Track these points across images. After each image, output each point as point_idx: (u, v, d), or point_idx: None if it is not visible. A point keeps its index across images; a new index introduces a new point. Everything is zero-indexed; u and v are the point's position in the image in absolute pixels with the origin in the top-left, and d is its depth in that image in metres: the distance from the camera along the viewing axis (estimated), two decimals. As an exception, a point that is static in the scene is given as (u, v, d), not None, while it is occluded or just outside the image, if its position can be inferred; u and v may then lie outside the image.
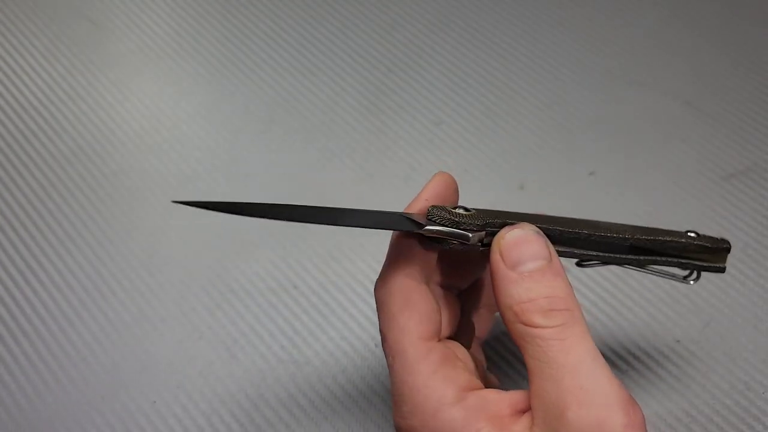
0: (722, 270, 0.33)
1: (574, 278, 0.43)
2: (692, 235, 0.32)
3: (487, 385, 0.29)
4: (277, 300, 0.43)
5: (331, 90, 0.53)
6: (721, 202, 0.46)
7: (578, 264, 0.31)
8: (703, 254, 0.32)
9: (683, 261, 0.32)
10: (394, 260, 0.27)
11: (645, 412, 0.38)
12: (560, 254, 0.28)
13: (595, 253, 0.30)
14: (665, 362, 0.40)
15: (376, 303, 0.28)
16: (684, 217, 0.45)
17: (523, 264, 0.26)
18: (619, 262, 0.30)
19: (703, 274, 0.34)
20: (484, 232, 0.27)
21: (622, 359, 0.40)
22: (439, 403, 0.25)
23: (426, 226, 0.26)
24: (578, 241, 0.29)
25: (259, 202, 0.24)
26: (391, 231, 0.28)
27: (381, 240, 0.45)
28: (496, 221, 0.27)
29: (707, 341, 0.41)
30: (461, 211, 0.27)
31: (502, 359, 0.40)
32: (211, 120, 0.51)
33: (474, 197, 0.47)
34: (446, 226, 0.26)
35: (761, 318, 0.41)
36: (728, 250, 0.33)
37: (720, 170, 0.48)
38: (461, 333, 0.32)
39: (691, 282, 0.33)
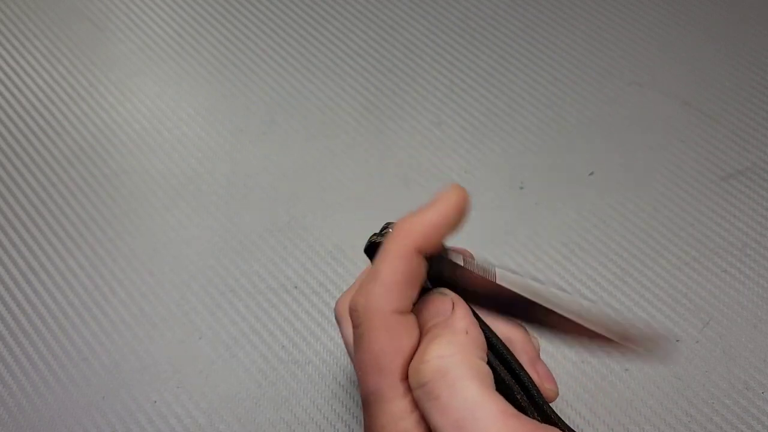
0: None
1: (574, 278, 0.43)
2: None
3: None
4: (277, 300, 0.43)
5: (331, 90, 0.53)
6: (720, 202, 0.46)
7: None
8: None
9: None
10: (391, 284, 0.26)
11: (645, 411, 0.39)
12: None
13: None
14: (665, 362, 0.40)
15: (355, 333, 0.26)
16: (683, 217, 0.45)
17: (423, 326, 0.25)
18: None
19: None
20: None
21: (623, 359, 0.40)
22: None
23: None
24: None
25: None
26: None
27: (381, 240, 0.45)
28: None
29: (707, 341, 0.41)
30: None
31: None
32: (212, 120, 0.51)
33: (474, 197, 0.47)
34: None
35: (761, 318, 0.41)
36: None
37: (719, 170, 0.48)
38: None
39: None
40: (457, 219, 0.26)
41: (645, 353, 0.29)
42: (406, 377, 0.25)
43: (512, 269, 0.30)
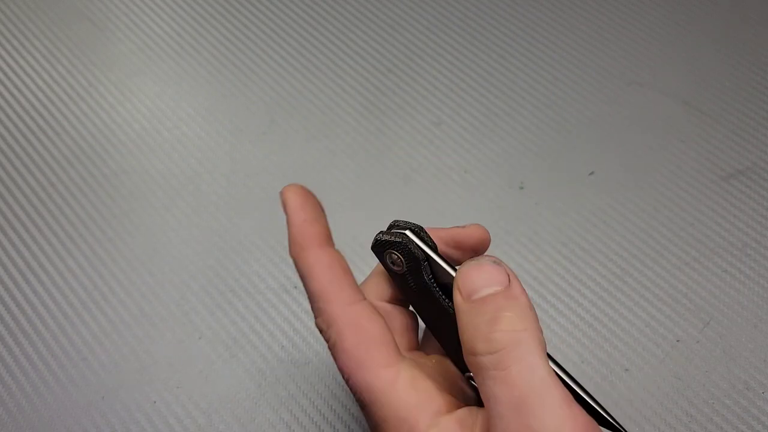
0: None
1: (574, 278, 0.43)
2: None
3: (466, 396, 0.28)
4: (277, 300, 0.43)
5: (331, 90, 0.53)
6: (721, 202, 0.46)
7: None
8: None
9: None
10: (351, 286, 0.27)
11: (645, 411, 0.39)
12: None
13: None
14: (665, 362, 0.40)
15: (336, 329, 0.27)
16: (683, 217, 0.45)
17: (476, 293, 0.24)
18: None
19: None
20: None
21: (623, 359, 0.40)
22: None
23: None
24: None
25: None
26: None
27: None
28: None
29: (707, 341, 0.41)
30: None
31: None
32: (212, 120, 0.51)
33: (474, 197, 0.47)
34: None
35: (761, 318, 0.41)
36: None
37: (719, 170, 0.48)
38: (430, 345, 0.31)
39: None
40: (309, 206, 0.28)
41: None
42: (388, 364, 0.25)
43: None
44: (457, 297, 0.25)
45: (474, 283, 0.24)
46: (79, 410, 0.39)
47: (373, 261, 0.44)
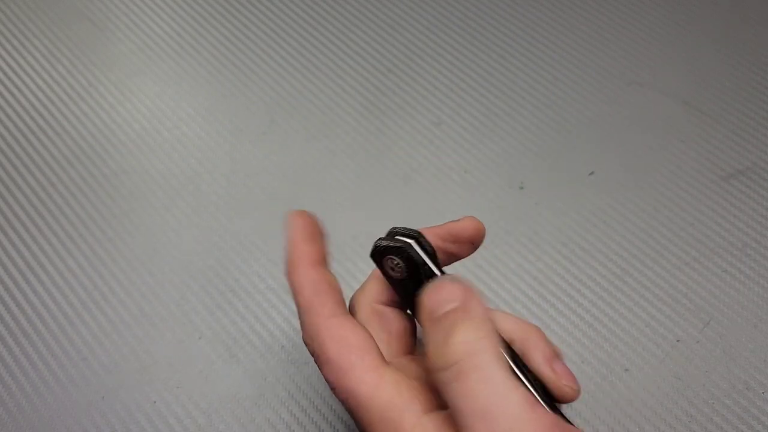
0: None
1: (574, 278, 0.43)
2: None
3: None
4: (277, 300, 0.43)
5: (331, 90, 0.53)
6: (720, 202, 0.46)
7: None
8: None
9: None
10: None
11: (645, 412, 0.39)
12: None
13: None
14: (665, 362, 0.40)
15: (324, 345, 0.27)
16: (683, 217, 0.45)
17: (436, 311, 0.25)
18: None
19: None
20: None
21: (623, 359, 0.40)
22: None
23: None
24: None
25: None
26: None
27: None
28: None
29: (707, 341, 0.41)
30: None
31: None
32: (212, 120, 0.51)
33: (474, 197, 0.47)
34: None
35: (761, 318, 0.41)
36: None
37: (719, 170, 0.48)
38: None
39: None
40: (307, 229, 0.29)
41: None
42: (371, 369, 0.26)
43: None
44: (421, 318, 0.26)
45: (432, 302, 0.25)
46: (79, 410, 0.39)
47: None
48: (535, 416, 0.22)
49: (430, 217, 0.46)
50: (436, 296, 0.25)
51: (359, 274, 0.44)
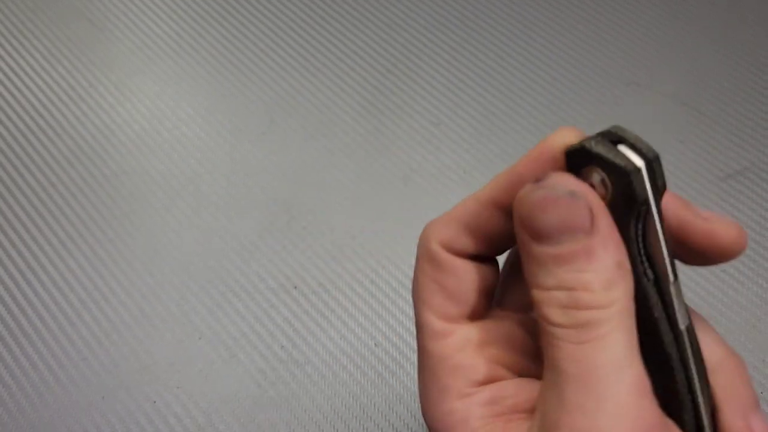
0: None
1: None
2: None
3: (522, 367, 0.24)
4: (277, 300, 0.43)
5: (330, 90, 0.53)
6: (719, 203, 0.46)
7: None
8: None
9: None
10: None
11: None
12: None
13: None
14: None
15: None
16: (682, 217, 0.46)
17: (547, 236, 0.19)
18: None
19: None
20: None
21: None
22: (443, 395, 0.22)
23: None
24: None
25: None
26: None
27: (381, 241, 0.45)
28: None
29: (706, 341, 0.41)
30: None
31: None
32: (212, 120, 0.51)
33: (473, 197, 0.47)
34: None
35: (760, 318, 0.41)
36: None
37: (718, 171, 0.48)
38: (509, 300, 0.25)
39: None
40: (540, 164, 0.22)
41: None
42: (444, 317, 0.23)
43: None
44: (522, 233, 0.20)
45: (543, 221, 0.19)
46: (79, 410, 0.39)
47: (374, 261, 0.44)
48: (637, 406, 0.18)
49: (430, 217, 0.46)
50: (548, 213, 0.19)
51: (359, 274, 0.44)
